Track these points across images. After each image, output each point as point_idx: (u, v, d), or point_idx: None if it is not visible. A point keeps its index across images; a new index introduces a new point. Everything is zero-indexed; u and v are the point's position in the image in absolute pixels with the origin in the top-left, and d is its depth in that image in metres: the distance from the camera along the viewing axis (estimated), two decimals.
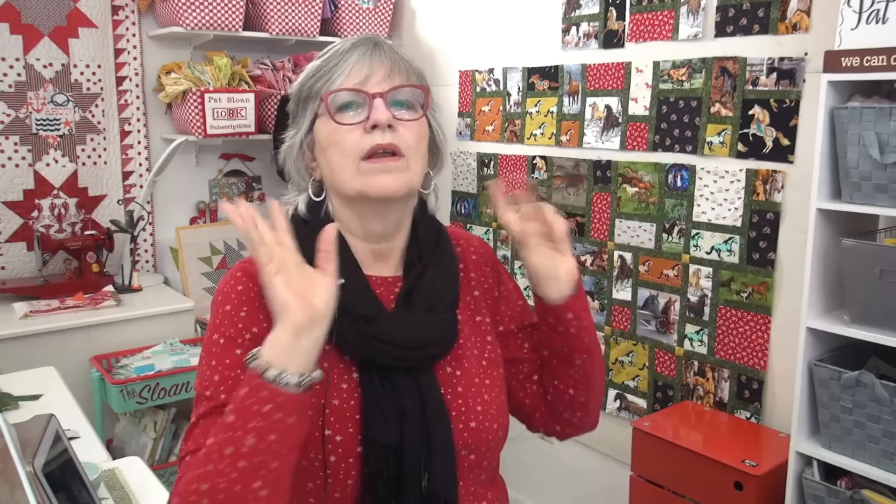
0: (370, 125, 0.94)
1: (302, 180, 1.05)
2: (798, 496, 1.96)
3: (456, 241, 1.12)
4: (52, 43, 2.80)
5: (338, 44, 1.01)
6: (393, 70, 0.97)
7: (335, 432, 0.93)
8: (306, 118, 1.00)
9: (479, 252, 1.14)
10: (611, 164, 2.65)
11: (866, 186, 1.77)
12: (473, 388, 1.02)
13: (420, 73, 1.01)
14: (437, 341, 0.99)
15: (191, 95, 2.86)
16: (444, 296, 1.02)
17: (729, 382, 2.38)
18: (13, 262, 2.82)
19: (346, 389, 0.95)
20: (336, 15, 3.27)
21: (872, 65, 1.72)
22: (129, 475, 1.48)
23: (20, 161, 2.79)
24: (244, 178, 3.36)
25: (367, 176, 0.94)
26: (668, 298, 2.52)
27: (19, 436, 0.95)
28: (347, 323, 0.94)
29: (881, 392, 1.76)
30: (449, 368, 1.02)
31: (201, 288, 2.87)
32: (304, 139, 1.01)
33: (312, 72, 0.99)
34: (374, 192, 0.94)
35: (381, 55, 0.97)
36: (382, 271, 1.04)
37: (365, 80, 0.95)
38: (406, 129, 0.96)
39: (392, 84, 0.96)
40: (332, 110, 0.95)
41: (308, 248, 0.92)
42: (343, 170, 0.96)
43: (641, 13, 2.51)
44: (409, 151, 0.96)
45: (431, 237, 1.06)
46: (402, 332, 0.96)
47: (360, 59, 0.96)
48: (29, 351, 2.37)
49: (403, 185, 0.96)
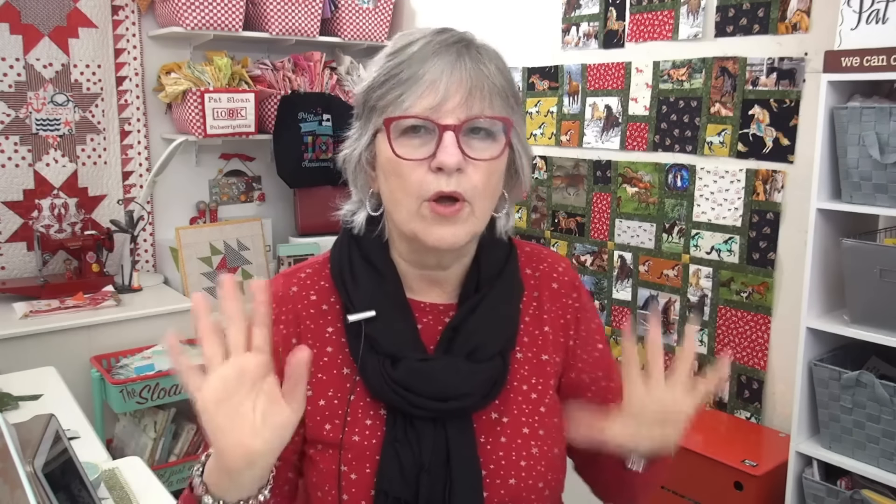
0: (435, 166, 0.81)
1: (359, 192, 0.93)
2: (798, 496, 1.96)
3: (534, 267, 0.99)
4: (52, 43, 2.79)
5: (417, 39, 0.85)
6: (473, 92, 0.82)
7: (351, 470, 0.87)
8: (369, 129, 0.87)
9: (562, 280, 1.00)
10: (611, 164, 2.65)
11: (866, 186, 1.77)
12: (520, 440, 0.90)
13: (506, 90, 0.86)
14: (471, 393, 0.87)
15: (191, 95, 2.86)
16: (495, 338, 0.90)
17: (729, 382, 2.38)
18: (13, 262, 2.82)
19: (369, 426, 0.88)
20: (336, 15, 3.27)
21: (872, 65, 1.72)
22: (129, 475, 1.47)
23: (20, 161, 2.79)
24: (244, 178, 3.36)
25: (426, 223, 0.83)
26: (668, 298, 2.52)
27: (19, 436, 0.95)
28: (373, 361, 0.87)
29: (881, 392, 1.76)
30: (495, 414, 0.91)
31: (201, 288, 2.87)
32: (364, 152, 0.89)
33: (382, 76, 0.85)
34: (431, 242, 0.84)
35: (461, 69, 0.82)
36: (435, 297, 0.94)
37: (438, 105, 0.81)
38: (475, 167, 0.83)
39: (469, 112, 0.82)
40: (394, 134, 0.83)
41: (354, 275, 0.90)
42: (401, 207, 0.85)
43: (641, 13, 2.51)
44: (475, 195, 0.83)
45: (496, 264, 0.94)
46: (428, 381, 0.86)
47: (437, 76, 0.81)
48: (29, 351, 2.37)
49: (465, 236, 0.85)
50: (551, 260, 1.01)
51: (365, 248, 0.92)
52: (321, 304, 0.93)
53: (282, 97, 3.10)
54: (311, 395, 0.90)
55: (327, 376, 0.91)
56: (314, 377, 0.91)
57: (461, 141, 0.81)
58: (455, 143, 0.81)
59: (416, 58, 0.83)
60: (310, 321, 0.93)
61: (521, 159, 0.90)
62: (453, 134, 0.81)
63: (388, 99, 0.83)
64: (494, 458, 0.88)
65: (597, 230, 2.73)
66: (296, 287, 0.95)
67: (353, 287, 0.90)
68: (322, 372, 0.91)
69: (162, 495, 1.42)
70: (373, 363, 0.87)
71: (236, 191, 3.34)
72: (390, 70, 0.84)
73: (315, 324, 0.92)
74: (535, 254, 1.01)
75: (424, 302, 0.93)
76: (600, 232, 2.72)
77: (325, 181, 3.20)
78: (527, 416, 0.91)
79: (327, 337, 0.92)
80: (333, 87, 3.29)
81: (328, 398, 0.90)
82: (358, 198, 0.94)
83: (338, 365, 0.91)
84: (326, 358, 0.91)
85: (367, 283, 0.90)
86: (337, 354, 0.91)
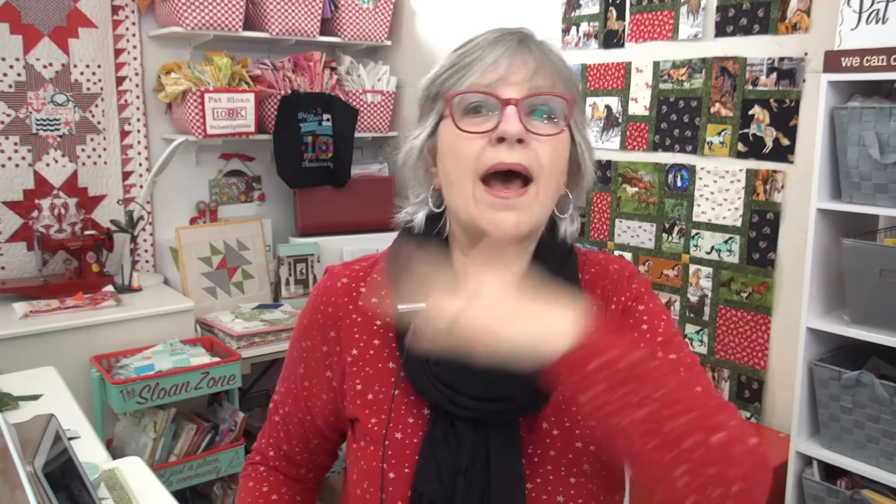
0: (496, 136, 0.79)
1: (420, 188, 0.92)
2: (798, 496, 1.96)
3: (592, 268, 0.94)
4: (52, 43, 2.79)
5: (480, 35, 0.87)
6: (537, 72, 0.81)
7: (391, 468, 0.85)
8: (431, 118, 0.87)
9: (614, 278, 0.93)
10: (611, 164, 2.65)
11: (866, 186, 1.77)
12: (571, 454, 0.85)
13: (570, 77, 0.86)
14: (514, 396, 0.82)
15: (191, 95, 2.86)
16: None
17: (729, 382, 2.38)
18: (13, 262, 2.82)
19: (411, 424, 0.86)
20: (336, 15, 3.27)
21: (872, 65, 1.72)
22: (129, 475, 1.47)
23: (20, 161, 2.79)
24: (244, 178, 3.36)
25: (483, 207, 0.81)
26: (668, 298, 2.52)
27: (19, 436, 0.95)
28: (418, 355, 0.83)
29: (881, 392, 1.76)
30: (545, 424, 0.86)
31: (201, 288, 2.87)
32: (426, 142, 0.88)
33: (445, 66, 0.86)
34: (489, 228, 0.81)
35: (525, 52, 0.82)
36: None
37: (500, 82, 0.81)
38: (541, 144, 0.81)
39: (531, 89, 0.81)
40: (457, 114, 0.82)
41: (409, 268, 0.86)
42: (458, 188, 0.83)
43: (641, 13, 2.51)
44: (541, 173, 0.81)
45: (553, 265, 0.89)
46: (470, 380, 0.81)
47: (499, 56, 0.82)
48: (29, 351, 2.36)
49: (526, 224, 0.82)
50: (607, 261, 0.95)
51: (423, 243, 0.90)
52: (370, 297, 0.93)
53: (282, 97, 3.10)
54: (360, 388, 0.90)
55: (374, 370, 0.90)
56: (363, 370, 0.91)
57: (523, 118, 0.80)
58: (517, 115, 0.79)
59: (479, 45, 0.84)
60: (356, 314, 0.93)
61: (584, 153, 0.88)
62: (515, 108, 0.79)
63: (451, 82, 0.84)
64: (542, 472, 0.84)
65: (597, 230, 2.73)
66: (346, 279, 0.95)
67: (407, 279, 0.88)
68: (370, 366, 0.91)
69: (162, 495, 1.42)
70: (417, 358, 0.84)
71: (236, 191, 3.34)
72: (454, 60, 0.85)
73: (362, 317, 0.92)
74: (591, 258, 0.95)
75: None
76: (600, 232, 2.72)
77: (325, 181, 3.20)
78: (580, 429, 0.86)
79: (375, 330, 0.92)
80: (333, 87, 3.29)
81: (375, 392, 0.89)
82: (417, 198, 0.93)
83: (384, 359, 0.90)
84: (373, 351, 0.91)
85: (420, 275, 0.87)
86: (383, 348, 0.91)
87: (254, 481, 1.03)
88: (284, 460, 1.03)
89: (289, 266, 3.10)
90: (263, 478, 1.03)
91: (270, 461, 1.04)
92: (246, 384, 2.63)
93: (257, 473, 1.04)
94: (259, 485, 1.02)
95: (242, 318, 2.76)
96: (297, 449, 1.02)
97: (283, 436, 1.02)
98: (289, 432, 1.01)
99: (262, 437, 1.05)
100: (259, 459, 1.05)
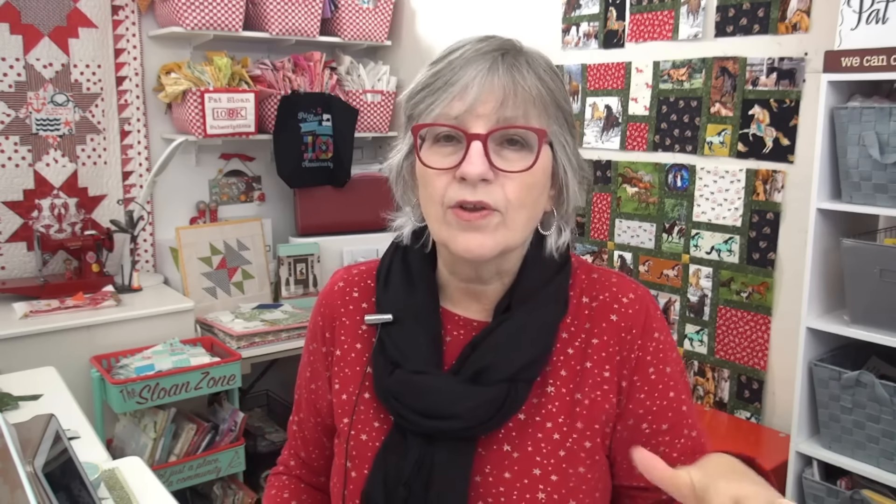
0: (459, 176, 0.78)
1: (404, 202, 0.92)
2: (798, 496, 1.96)
3: (593, 295, 0.89)
4: (52, 43, 2.79)
5: (459, 47, 0.82)
6: (506, 101, 0.77)
7: (353, 467, 0.88)
8: (407, 139, 0.87)
9: (625, 312, 0.87)
10: (611, 164, 2.65)
11: (866, 186, 1.77)
12: (527, 480, 0.83)
13: (547, 102, 0.80)
14: (462, 416, 0.81)
15: (191, 95, 2.86)
16: (507, 362, 0.83)
17: (729, 382, 2.38)
18: (13, 262, 2.82)
19: (377, 428, 0.89)
20: (336, 15, 3.27)
21: (872, 65, 1.72)
22: (129, 475, 1.47)
23: (20, 161, 2.79)
24: (244, 178, 3.36)
25: (451, 229, 0.80)
26: (668, 298, 2.52)
27: (19, 436, 0.95)
28: (381, 364, 0.87)
29: (881, 392, 1.76)
30: (507, 446, 0.84)
31: (201, 288, 2.87)
32: (404, 162, 0.88)
33: (420, 86, 0.83)
34: (457, 250, 0.80)
35: (494, 78, 0.78)
36: (474, 312, 0.90)
37: (467, 113, 0.77)
38: (509, 180, 0.78)
39: (499, 121, 0.77)
40: (427, 143, 0.82)
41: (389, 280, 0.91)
42: (430, 212, 0.83)
43: (641, 13, 2.51)
44: (507, 208, 0.79)
45: (533, 284, 0.87)
46: (416, 395, 0.83)
47: (469, 81, 0.78)
48: (29, 351, 2.37)
49: (494, 247, 0.79)
50: (617, 289, 0.89)
51: (408, 257, 0.93)
52: (361, 302, 0.96)
53: (282, 97, 3.10)
54: (338, 387, 0.94)
55: (351, 372, 0.94)
56: (342, 371, 0.94)
57: (492, 150, 0.78)
58: (481, 152, 0.77)
59: (452, 66, 0.80)
60: (346, 317, 0.96)
61: (567, 174, 0.84)
62: (480, 143, 0.77)
63: (421, 108, 0.81)
64: (494, 493, 0.83)
65: (597, 230, 2.73)
66: (342, 282, 0.99)
67: (383, 291, 0.92)
68: (349, 367, 0.94)
69: (162, 495, 1.41)
70: (379, 367, 0.88)
71: (236, 191, 3.34)
72: (427, 79, 0.82)
73: (351, 320, 0.95)
74: (600, 281, 0.90)
75: (460, 315, 0.90)
76: (600, 232, 2.72)
77: (325, 181, 3.20)
78: (542, 456, 0.83)
79: (359, 334, 0.94)
80: (333, 87, 3.29)
81: (349, 393, 0.93)
82: (403, 211, 0.93)
83: (361, 363, 0.93)
84: (354, 354, 0.94)
85: (397, 288, 0.91)
86: (364, 352, 0.94)
87: (276, 489, 1.06)
88: (304, 468, 1.06)
89: (289, 266, 3.10)
90: (285, 485, 1.06)
91: (292, 470, 1.07)
92: (246, 384, 2.63)
93: (279, 482, 1.07)
94: (280, 492, 1.05)
95: (242, 318, 2.76)
96: (315, 455, 1.04)
97: (300, 443, 1.05)
98: (305, 438, 1.04)
99: (285, 448, 1.10)
100: (282, 470, 1.09)
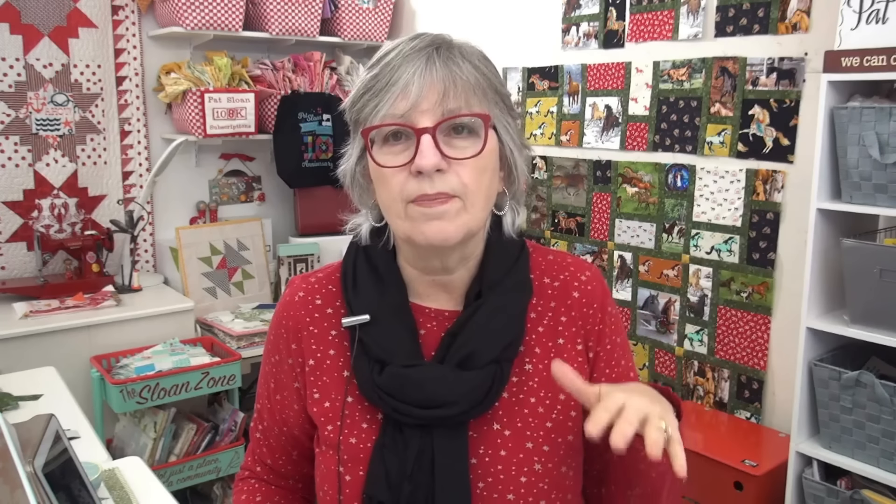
0: (415, 170, 0.80)
1: (361, 204, 0.94)
2: (798, 496, 1.96)
3: (554, 276, 0.94)
4: (52, 43, 2.79)
5: (395, 47, 0.84)
6: (447, 93, 0.80)
7: (346, 471, 0.88)
8: (357, 144, 0.89)
9: (585, 289, 0.94)
10: (611, 164, 2.65)
11: (866, 186, 1.77)
12: (521, 454, 0.87)
13: (486, 87, 0.84)
14: (458, 401, 0.84)
15: (191, 95, 2.86)
16: (490, 345, 0.86)
17: (729, 382, 2.38)
18: (13, 262, 2.82)
19: (365, 430, 0.89)
20: (336, 15, 3.27)
21: (872, 65, 1.72)
22: (129, 475, 1.47)
23: (20, 161, 2.79)
24: (244, 178, 3.36)
25: (414, 222, 0.82)
26: (668, 298, 2.52)
27: (19, 436, 0.95)
28: (365, 365, 0.88)
29: (881, 392, 1.76)
30: (496, 425, 0.87)
31: (201, 288, 2.87)
32: (357, 166, 0.90)
33: (361, 90, 0.85)
34: (421, 240, 0.82)
35: (433, 72, 0.81)
36: (443, 303, 0.92)
37: (412, 110, 0.80)
38: (462, 167, 0.81)
39: (444, 113, 0.80)
40: (377, 144, 0.83)
41: (356, 281, 0.91)
42: (391, 210, 0.85)
43: (641, 13, 2.51)
44: (466, 193, 0.82)
45: (500, 268, 0.90)
46: (411, 388, 0.85)
47: (409, 79, 0.80)
48: (29, 351, 2.37)
49: (456, 232, 0.82)
50: (574, 268, 0.95)
51: (370, 256, 0.93)
52: (326, 308, 0.95)
53: (282, 97, 3.10)
54: (318, 396, 0.93)
55: (330, 379, 0.93)
56: (320, 380, 0.93)
57: (441, 142, 0.80)
58: (432, 145, 0.79)
59: (390, 67, 0.82)
60: (313, 326, 0.95)
61: (513, 154, 0.88)
62: (430, 136, 0.79)
63: (367, 111, 0.83)
64: (493, 472, 0.86)
65: (597, 230, 2.73)
66: (302, 292, 0.97)
67: (354, 293, 0.92)
68: (326, 375, 0.93)
69: (162, 495, 1.42)
70: (364, 368, 0.88)
71: (236, 191, 3.34)
72: (368, 83, 0.84)
73: (318, 328, 0.95)
74: (557, 262, 0.96)
75: (430, 308, 0.92)
76: (600, 232, 2.72)
77: (325, 181, 3.19)
78: (532, 429, 0.88)
79: (330, 340, 0.94)
80: (333, 87, 3.29)
81: (331, 400, 0.92)
82: (360, 212, 0.95)
83: (339, 368, 0.93)
84: (329, 361, 0.93)
85: (366, 288, 0.91)
86: (339, 357, 0.93)
87: (247, 494, 1.04)
88: (272, 473, 1.05)
89: (289, 266, 3.10)
90: (256, 489, 1.05)
91: (260, 475, 1.06)
92: (246, 384, 2.63)
93: (249, 486, 1.06)
94: (252, 497, 1.04)
95: (242, 318, 2.76)
96: (281, 461, 1.03)
97: (265, 450, 1.04)
98: (271, 446, 1.03)
99: (248, 454, 1.08)
100: (248, 475, 1.07)
